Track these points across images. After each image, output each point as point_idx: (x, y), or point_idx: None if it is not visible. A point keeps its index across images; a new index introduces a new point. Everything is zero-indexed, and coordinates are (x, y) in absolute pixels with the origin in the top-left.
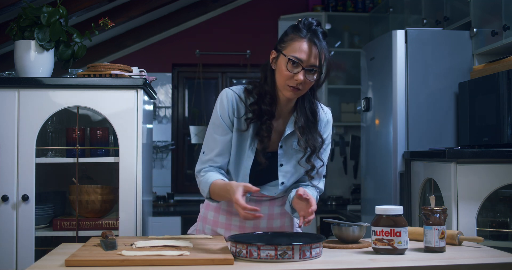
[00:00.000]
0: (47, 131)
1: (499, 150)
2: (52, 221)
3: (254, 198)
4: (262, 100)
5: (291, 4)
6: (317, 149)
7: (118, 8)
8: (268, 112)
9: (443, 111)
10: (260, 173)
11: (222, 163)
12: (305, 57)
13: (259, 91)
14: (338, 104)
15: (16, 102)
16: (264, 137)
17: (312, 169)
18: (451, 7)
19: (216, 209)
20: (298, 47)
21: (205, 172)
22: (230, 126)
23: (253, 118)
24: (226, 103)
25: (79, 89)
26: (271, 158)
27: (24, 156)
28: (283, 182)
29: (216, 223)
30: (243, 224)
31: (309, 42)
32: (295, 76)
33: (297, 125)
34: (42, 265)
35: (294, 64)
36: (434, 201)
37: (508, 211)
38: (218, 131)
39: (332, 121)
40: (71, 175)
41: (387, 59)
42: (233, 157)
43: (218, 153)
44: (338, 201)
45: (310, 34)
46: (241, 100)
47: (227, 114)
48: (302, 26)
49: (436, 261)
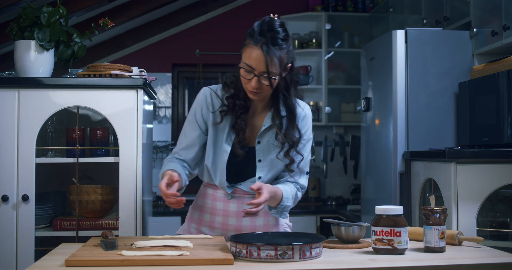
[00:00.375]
0: (47, 131)
1: (499, 150)
2: (52, 221)
3: (236, 195)
4: (237, 95)
5: (291, 4)
6: (295, 144)
7: (118, 8)
8: (242, 106)
9: (443, 111)
10: (239, 169)
11: (185, 157)
12: (256, 64)
13: (235, 86)
14: (338, 104)
15: (16, 102)
16: (239, 131)
17: (291, 163)
18: (451, 7)
19: (201, 208)
20: (249, 55)
21: (167, 161)
22: (202, 124)
23: (227, 111)
24: (200, 100)
25: (79, 89)
26: (249, 153)
27: (24, 156)
28: (260, 177)
29: (200, 221)
30: (226, 222)
31: (261, 49)
32: (249, 82)
33: (274, 121)
34: (42, 265)
35: (247, 71)
36: (434, 201)
37: (508, 211)
38: (188, 126)
39: (311, 114)
40: (71, 175)
41: (387, 59)
42: (210, 153)
43: (184, 147)
44: (338, 201)
45: (262, 41)
46: (217, 96)
47: (200, 112)
48: (256, 31)
49: (436, 261)
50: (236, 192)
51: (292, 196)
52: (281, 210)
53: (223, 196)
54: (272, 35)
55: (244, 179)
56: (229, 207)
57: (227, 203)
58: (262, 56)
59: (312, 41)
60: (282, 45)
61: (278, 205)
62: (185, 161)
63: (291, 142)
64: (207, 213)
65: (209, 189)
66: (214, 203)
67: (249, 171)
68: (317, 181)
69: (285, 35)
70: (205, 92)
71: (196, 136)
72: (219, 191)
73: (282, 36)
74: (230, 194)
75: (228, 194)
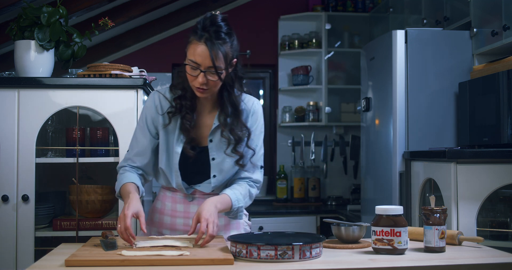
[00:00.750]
0: (47, 131)
1: (499, 150)
2: (52, 221)
3: (196, 196)
4: (184, 95)
5: (291, 4)
6: (241, 140)
7: (118, 8)
8: (189, 106)
9: (443, 111)
10: (194, 170)
11: (140, 164)
12: (201, 60)
13: (182, 86)
14: (338, 104)
15: (16, 102)
16: (187, 130)
17: (241, 159)
18: (451, 7)
19: (160, 211)
20: (194, 51)
21: (124, 170)
22: (152, 129)
23: (174, 112)
24: (149, 105)
25: (79, 89)
26: (203, 153)
27: (24, 156)
28: (215, 175)
29: (161, 224)
30: (187, 223)
31: (205, 45)
32: (196, 78)
33: (220, 118)
34: (42, 265)
35: (193, 68)
36: (434, 201)
37: (508, 211)
38: (140, 132)
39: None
40: (71, 175)
41: (387, 59)
42: (163, 156)
43: (137, 153)
44: (338, 201)
45: (206, 36)
46: (165, 98)
47: (150, 116)
48: (199, 27)
49: (436, 261)
50: (196, 193)
51: (243, 195)
52: (236, 213)
53: (183, 198)
54: (215, 30)
55: (201, 179)
56: (190, 208)
57: (187, 205)
58: (206, 51)
59: (312, 41)
60: (226, 39)
61: (230, 209)
62: (140, 168)
63: (237, 138)
64: (168, 215)
65: (168, 192)
66: (175, 206)
67: (205, 170)
68: (317, 181)
69: (228, 29)
70: (153, 96)
71: (148, 141)
72: (178, 193)
73: (225, 30)
74: (190, 195)
75: (189, 195)
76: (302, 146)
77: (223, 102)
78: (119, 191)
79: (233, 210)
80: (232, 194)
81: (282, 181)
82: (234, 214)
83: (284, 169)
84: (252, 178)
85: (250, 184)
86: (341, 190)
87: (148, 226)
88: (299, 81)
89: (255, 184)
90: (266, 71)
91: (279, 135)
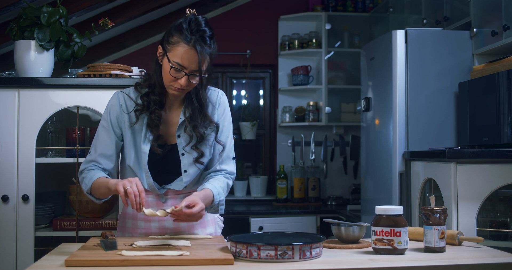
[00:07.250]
0: (47, 131)
1: (499, 150)
2: (52, 221)
3: (169, 196)
4: (152, 91)
5: (291, 4)
6: (204, 138)
7: (118, 8)
8: (158, 101)
9: (443, 111)
10: (166, 168)
11: (105, 166)
12: (188, 63)
13: (150, 83)
14: (338, 104)
15: (16, 102)
16: (155, 125)
17: (201, 157)
18: (451, 7)
19: (133, 216)
20: (181, 54)
21: (89, 170)
22: (117, 129)
23: (142, 110)
24: (113, 104)
25: (79, 89)
26: (173, 150)
27: (24, 156)
28: (186, 170)
29: (135, 230)
30: (163, 225)
31: (193, 48)
32: (178, 80)
33: (186, 113)
34: (42, 265)
35: (177, 70)
36: (434, 201)
37: (508, 211)
38: (103, 133)
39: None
40: (71, 175)
41: (387, 59)
42: (132, 156)
43: (101, 154)
44: (338, 201)
45: (194, 39)
46: (130, 98)
47: (115, 116)
48: (186, 28)
49: (436, 261)
50: (168, 193)
51: (222, 188)
52: (217, 206)
53: (155, 201)
54: (201, 34)
55: (173, 178)
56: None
57: (161, 207)
58: (195, 56)
59: (312, 41)
60: (211, 44)
61: (212, 203)
62: (106, 169)
63: (199, 135)
64: (141, 220)
65: None
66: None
67: (176, 169)
68: (317, 181)
69: (212, 33)
70: (117, 95)
71: (114, 143)
72: (150, 195)
73: (209, 35)
74: (163, 195)
75: (162, 195)
76: (302, 146)
77: (189, 98)
78: (90, 187)
79: (214, 204)
80: (213, 188)
81: (282, 181)
82: (215, 208)
83: (284, 169)
84: (227, 170)
85: (226, 176)
86: (341, 190)
87: (121, 233)
88: (299, 81)
89: (230, 176)
90: (266, 71)
91: (279, 135)
